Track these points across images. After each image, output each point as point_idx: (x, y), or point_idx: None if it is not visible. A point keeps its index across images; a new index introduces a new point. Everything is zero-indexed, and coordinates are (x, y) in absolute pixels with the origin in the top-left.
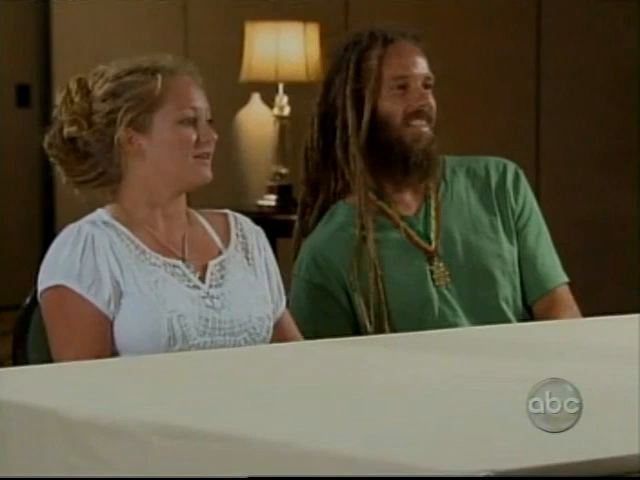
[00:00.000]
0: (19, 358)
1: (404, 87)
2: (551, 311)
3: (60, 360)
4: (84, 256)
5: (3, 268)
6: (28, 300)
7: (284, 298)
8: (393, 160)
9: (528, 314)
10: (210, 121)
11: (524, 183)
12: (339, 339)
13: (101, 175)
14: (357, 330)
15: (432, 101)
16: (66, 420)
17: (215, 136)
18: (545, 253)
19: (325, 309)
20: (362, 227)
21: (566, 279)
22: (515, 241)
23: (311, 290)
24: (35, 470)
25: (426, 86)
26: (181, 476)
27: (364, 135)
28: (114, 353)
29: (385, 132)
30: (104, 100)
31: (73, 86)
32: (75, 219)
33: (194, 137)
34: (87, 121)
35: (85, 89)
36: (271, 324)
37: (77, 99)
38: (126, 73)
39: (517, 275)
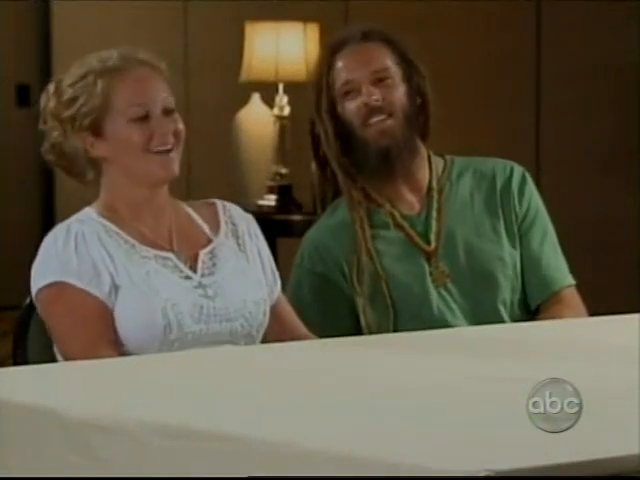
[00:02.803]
0: (19, 358)
1: (353, 90)
2: (556, 313)
3: (67, 355)
4: (78, 252)
5: (3, 268)
6: (28, 300)
7: (279, 281)
8: (368, 160)
9: (528, 318)
10: (171, 110)
11: (530, 186)
12: (339, 339)
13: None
14: (358, 319)
15: (386, 93)
16: (66, 420)
17: (179, 126)
18: (550, 255)
19: (327, 297)
20: (361, 229)
21: (572, 281)
22: (518, 244)
23: (313, 278)
24: (35, 470)
25: (379, 80)
26: (181, 476)
27: (333, 145)
28: (119, 343)
29: (352, 137)
30: (67, 106)
31: (51, 89)
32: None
33: (146, 133)
34: (61, 125)
35: (57, 94)
36: (267, 307)
37: (53, 103)
38: (80, 77)
39: (518, 279)
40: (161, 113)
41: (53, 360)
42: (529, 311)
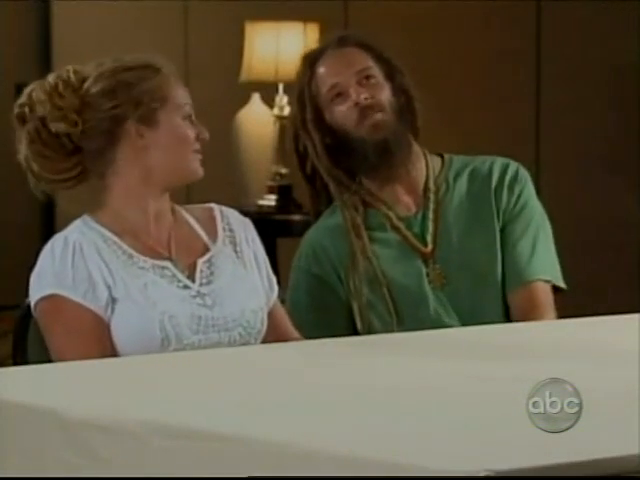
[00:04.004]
0: (19, 358)
1: (341, 93)
2: (521, 308)
3: None
4: (75, 264)
5: (3, 268)
6: (28, 300)
7: (275, 288)
8: (368, 158)
9: None
10: None
11: (521, 182)
12: (339, 339)
13: (81, 173)
14: (354, 321)
15: (374, 90)
16: (66, 420)
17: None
18: (525, 247)
19: (322, 298)
20: (357, 235)
21: (546, 277)
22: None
23: (309, 279)
24: (35, 470)
25: (365, 79)
26: (181, 476)
27: (323, 157)
28: (115, 356)
29: (347, 140)
30: (104, 96)
31: (60, 81)
32: (75, 219)
33: (195, 133)
34: (80, 117)
35: (72, 85)
36: (265, 315)
37: (67, 93)
38: (124, 69)
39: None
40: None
41: (53, 361)
42: None
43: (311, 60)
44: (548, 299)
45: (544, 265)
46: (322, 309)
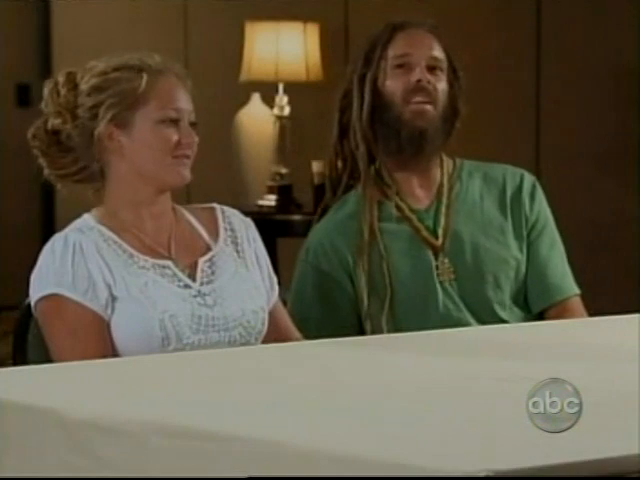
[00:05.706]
0: (19, 358)
1: (404, 65)
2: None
3: None
4: (75, 263)
5: (3, 268)
6: (28, 300)
7: (276, 288)
8: (395, 139)
9: (526, 320)
10: (193, 124)
11: (540, 195)
12: (339, 339)
13: (82, 170)
14: (359, 316)
15: (435, 81)
16: (66, 420)
17: (196, 139)
18: (557, 264)
19: (330, 295)
20: (370, 210)
21: (577, 291)
22: (525, 250)
23: (317, 276)
24: (35, 470)
25: (432, 67)
26: (181, 476)
27: (366, 117)
28: (115, 356)
29: (388, 111)
30: (89, 94)
31: (61, 79)
32: (75, 219)
33: (175, 138)
34: (71, 114)
35: (73, 83)
36: (266, 315)
37: (64, 92)
38: (112, 69)
39: (519, 282)
40: (188, 123)
41: (53, 360)
42: (528, 313)
43: (394, 26)
44: (584, 310)
45: (572, 279)
46: (328, 305)
